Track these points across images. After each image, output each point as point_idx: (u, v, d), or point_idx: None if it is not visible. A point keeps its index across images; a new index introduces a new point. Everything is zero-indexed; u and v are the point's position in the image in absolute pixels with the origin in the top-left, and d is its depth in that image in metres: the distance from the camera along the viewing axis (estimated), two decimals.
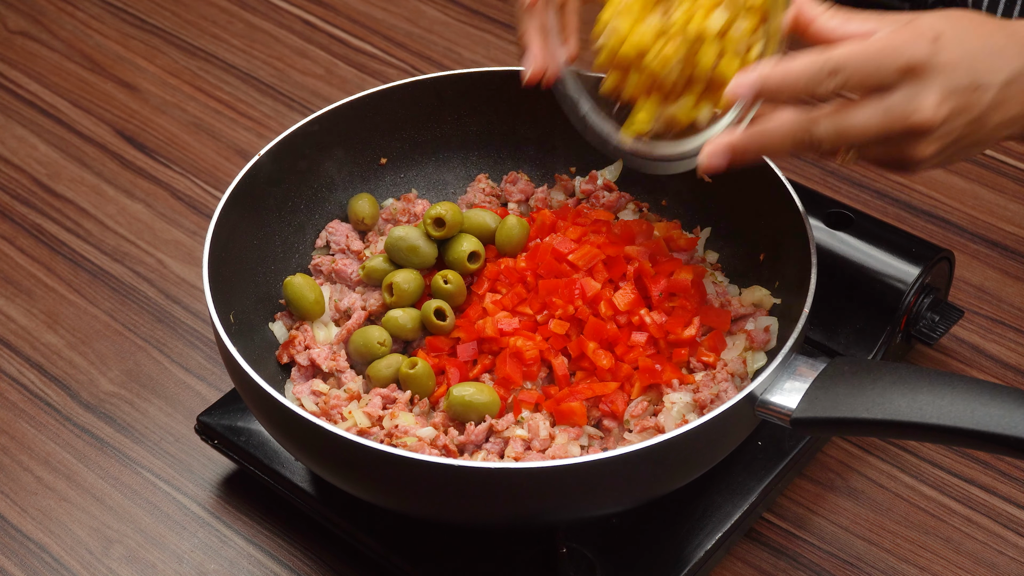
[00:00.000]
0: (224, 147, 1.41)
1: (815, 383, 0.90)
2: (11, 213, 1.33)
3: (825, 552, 1.04)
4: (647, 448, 0.85)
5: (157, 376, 1.18)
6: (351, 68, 1.50)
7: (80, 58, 1.52)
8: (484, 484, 0.86)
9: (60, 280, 1.26)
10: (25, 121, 1.44)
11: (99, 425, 1.14)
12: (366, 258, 1.09)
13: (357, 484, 0.93)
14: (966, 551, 1.04)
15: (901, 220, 1.30)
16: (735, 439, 0.94)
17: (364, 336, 1.03)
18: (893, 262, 1.11)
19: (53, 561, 1.04)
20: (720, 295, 1.06)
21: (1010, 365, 1.17)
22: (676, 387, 0.98)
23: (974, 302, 1.22)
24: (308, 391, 1.01)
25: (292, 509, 1.05)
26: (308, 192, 1.12)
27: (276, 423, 0.92)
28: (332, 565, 1.03)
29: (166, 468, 1.10)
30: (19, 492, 1.09)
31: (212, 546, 1.05)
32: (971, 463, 1.10)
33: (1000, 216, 1.31)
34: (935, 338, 1.12)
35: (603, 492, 0.88)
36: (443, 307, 1.02)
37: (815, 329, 1.11)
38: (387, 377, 1.01)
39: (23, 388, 1.17)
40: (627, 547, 0.99)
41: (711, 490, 1.01)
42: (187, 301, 1.24)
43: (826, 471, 1.09)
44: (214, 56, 1.52)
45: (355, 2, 1.59)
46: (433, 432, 0.96)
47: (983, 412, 0.82)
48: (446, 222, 1.05)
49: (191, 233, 1.31)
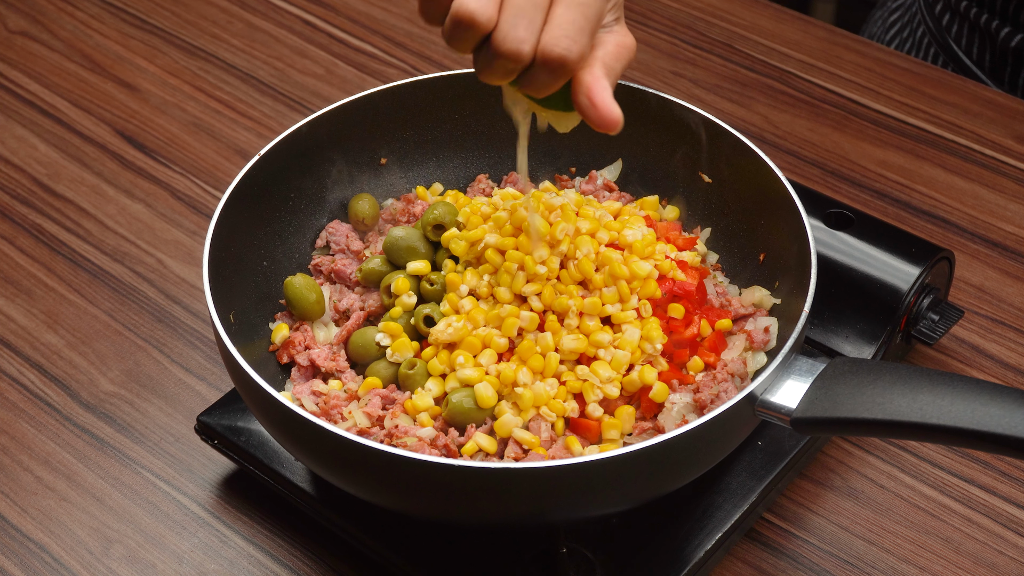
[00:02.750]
0: (224, 147, 1.41)
1: (815, 383, 0.90)
2: (11, 213, 1.33)
3: (825, 552, 1.04)
4: (647, 448, 0.85)
5: (157, 376, 1.18)
6: (351, 68, 1.50)
7: (80, 58, 1.52)
8: (484, 484, 0.86)
9: (60, 280, 1.26)
10: (25, 121, 1.44)
11: (99, 425, 1.14)
12: (366, 258, 1.09)
13: (357, 484, 0.93)
14: (966, 551, 1.04)
15: (901, 220, 1.30)
16: (735, 439, 0.94)
17: (363, 337, 1.03)
18: (893, 262, 1.11)
19: (53, 561, 1.04)
20: (720, 295, 1.06)
21: (1010, 365, 1.17)
22: (676, 387, 0.98)
23: (974, 302, 1.22)
24: (308, 391, 1.01)
25: (292, 509, 1.05)
26: (308, 192, 1.12)
27: (276, 423, 0.92)
28: (332, 565, 1.03)
29: (166, 468, 1.10)
30: (19, 492, 1.09)
31: (212, 546, 1.05)
32: (971, 463, 1.10)
33: (1000, 216, 1.31)
34: (935, 338, 1.12)
35: (603, 492, 0.88)
36: (432, 313, 1.01)
37: (815, 329, 1.11)
38: (387, 377, 1.01)
39: (23, 388, 1.17)
40: (627, 547, 0.99)
41: (711, 490, 1.01)
42: (187, 301, 1.24)
43: (826, 471, 1.09)
44: (214, 56, 1.52)
45: (355, 2, 1.59)
46: (433, 432, 0.96)
47: (983, 412, 0.82)
48: (445, 226, 1.05)
49: (191, 233, 1.31)
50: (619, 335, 0.98)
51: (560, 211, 1.01)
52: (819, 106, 1.44)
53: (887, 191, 1.33)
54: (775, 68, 1.49)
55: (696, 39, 1.54)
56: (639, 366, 0.98)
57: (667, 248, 1.05)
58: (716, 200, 1.11)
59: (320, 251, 1.12)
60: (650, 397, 0.97)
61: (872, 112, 1.43)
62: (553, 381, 0.97)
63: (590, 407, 0.96)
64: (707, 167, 1.11)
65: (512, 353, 0.99)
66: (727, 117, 1.42)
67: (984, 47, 1.48)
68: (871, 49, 1.52)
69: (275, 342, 1.04)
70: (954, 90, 1.46)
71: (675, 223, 1.11)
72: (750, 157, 1.05)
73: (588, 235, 1.01)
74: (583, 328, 0.98)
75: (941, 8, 1.52)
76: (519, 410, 0.97)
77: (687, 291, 1.02)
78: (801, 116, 1.43)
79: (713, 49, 1.52)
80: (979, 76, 1.49)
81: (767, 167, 1.03)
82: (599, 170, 1.16)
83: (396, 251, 1.06)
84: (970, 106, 1.43)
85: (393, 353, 1.01)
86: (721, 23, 1.56)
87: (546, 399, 0.96)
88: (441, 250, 1.06)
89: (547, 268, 0.98)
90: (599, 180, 1.15)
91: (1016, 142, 1.39)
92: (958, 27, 1.50)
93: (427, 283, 1.04)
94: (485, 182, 1.16)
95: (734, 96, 1.46)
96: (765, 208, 1.05)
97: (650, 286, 1.00)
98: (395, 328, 1.02)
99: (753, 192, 1.06)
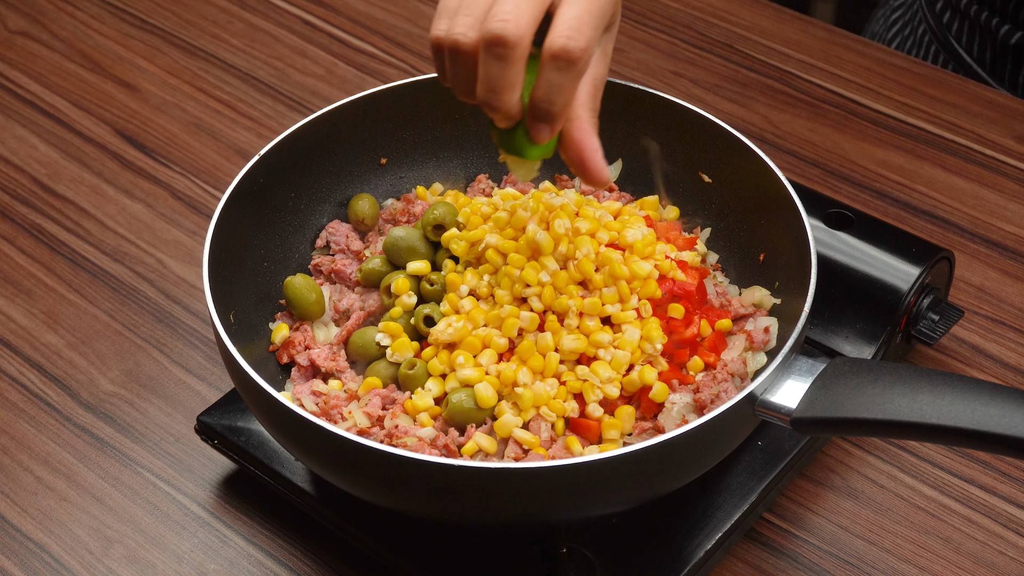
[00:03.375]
0: (224, 147, 1.41)
1: (815, 383, 0.90)
2: (11, 213, 1.33)
3: (825, 552, 1.04)
4: (647, 448, 0.85)
5: (157, 376, 1.18)
6: (351, 68, 1.50)
7: (80, 58, 1.52)
8: (484, 484, 0.86)
9: (60, 280, 1.26)
10: (25, 121, 1.44)
11: (99, 425, 1.14)
12: (366, 258, 1.09)
13: (357, 484, 0.93)
14: (966, 551, 1.04)
15: (901, 220, 1.30)
16: (735, 439, 0.94)
17: (363, 337, 1.03)
18: (893, 262, 1.11)
19: (53, 561, 1.04)
20: (720, 295, 1.06)
21: (1010, 365, 1.17)
22: (676, 387, 0.98)
23: (974, 302, 1.22)
24: (308, 391, 1.01)
25: (292, 509, 1.05)
26: (308, 192, 1.12)
27: (276, 423, 0.92)
28: (332, 565, 1.03)
29: (166, 468, 1.10)
30: (19, 492, 1.09)
31: (212, 546, 1.05)
32: (971, 463, 1.10)
33: (1000, 216, 1.31)
34: (935, 338, 1.12)
35: (603, 492, 0.88)
36: (432, 313, 1.02)
37: (815, 329, 1.11)
38: (387, 377, 1.01)
39: (23, 388, 1.17)
40: (627, 547, 0.99)
41: (711, 490, 1.01)
42: (187, 301, 1.24)
43: (826, 471, 1.09)
44: (214, 56, 1.52)
45: (355, 2, 1.59)
46: (433, 432, 0.96)
47: (983, 412, 0.82)
48: (446, 226, 1.05)
49: (191, 233, 1.31)
50: (619, 335, 0.98)
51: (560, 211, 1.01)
52: (819, 106, 1.44)
53: (887, 191, 1.33)
54: (775, 68, 1.49)
55: (696, 39, 1.54)
56: (639, 366, 0.98)
57: (667, 248, 1.05)
58: (716, 200, 1.11)
59: (320, 251, 1.12)
60: (650, 397, 0.97)
61: (872, 112, 1.43)
62: (553, 381, 0.97)
63: (590, 407, 0.96)
64: (707, 167, 1.11)
65: (512, 353, 0.99)
66: (727, 117, 1.43)
67: (984, 45, 1.48)
68: (871, 49, 1.52)
69: (275, 342, 1.05)
70: (954, 90, 1.46)
71: (675, 223, 1.11)
72: (750, 157, 1.05)
73: (588, 235, 1.01)
74: (583, 328, 0.98)
75: (942, 6, 1.53)
76: (519, 410, 0.97)
77: (687, 291, 1.02)
78: (801, 116, 1.43)
79: (713, 49, 1.52)
80: (980, 74, 1.49)
81: (767, 167, 1.03)
82: None
83: (396, 251, 1.06)
84: (970, 106, 1.43)
85: (393, 353, 1.01)
86: (721, 23, 1.56)
87: (546, 399, 0.96)
88: (441, 250, 1.06)
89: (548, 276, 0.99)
90: None
91: (1016, 142, 1.39)
92: (959, 25, 1.50)
93: (427, 283, 1.04)
94: (485, 182, 1.16)
95: (734, 96, 1.46)
96: (765, 208, 1.05)
97: (650, 286, 1.00)
98: (395, 328, 1.02)
99: (753, 192, 1.06)
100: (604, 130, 1.16)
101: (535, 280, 0.98)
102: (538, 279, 0.98)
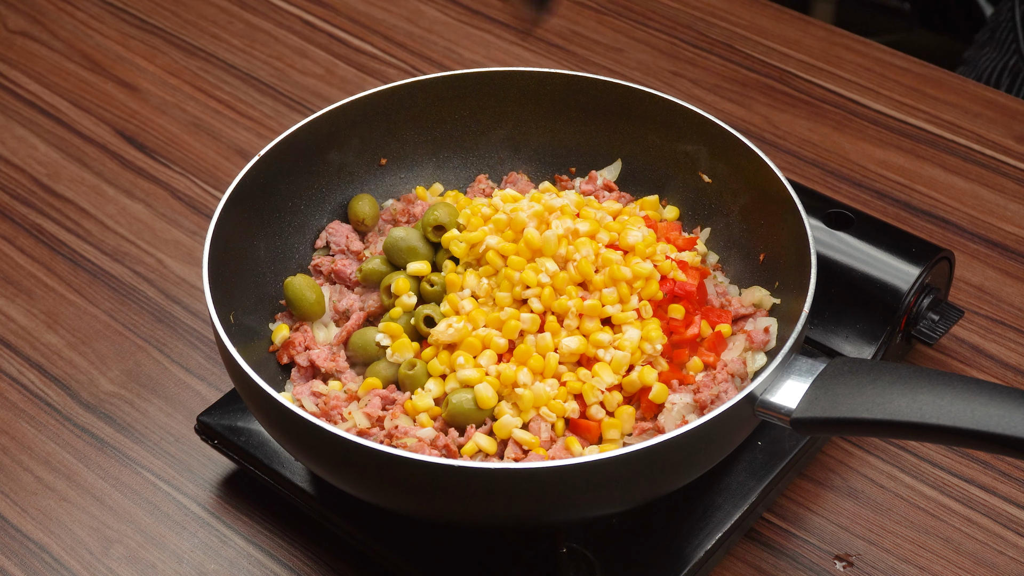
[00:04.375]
0: (224, 147, 1.41)
1: (815, 383, 0.90)
2: (11, 213, 1.33)
3: (825, 552, 1.04)
4: (647, 448, 0.85)
5: (157, 376, 1.18)
6: (351, 68, 1.50)
7: (80, 58, 1.52)
8: (484, 484, 0.86)
9: (60, 280, 1.26)
10: (25, 121, 1.44)
11: (99, 425, 1.14)
12: (366, 259, 1.09)
13: (357, 484, 0.93)
14: (966, 551, 1.04)
15: (901, 220, 1.30)
16: (735, 439, 0.94)
17: (363, 337, 1.03)
18: (893, 262, 1.11)
19: (53, 561, 1.04)
20: (720, 295, 1.06)
21: (1010, 365, 1.17)
22: (676, 387, 0.98)
23: (974, 302, 1.22)
24: (308, 392, 1.01)
25: (292, 509, 1.05)
26: (308, 192, 1.12)
27: (276, 424, 0.92)
28: (332, 565, 1.04)
29: (166, 468, 1.10)
30: (19, 492, 1.09)
31: (212, 546, 1.05)
32: (971, 463, 1.10)
33: (1000, 216, 1.31)
34: (935, 338, 1.12)
35: (603, 492, 0.88)
36: (432, 313, 1.01)
37: (815, 329, 1.11)
38: (387, 378, 1.01)
39: (23, 388, 1.17)
40: (627, 547, 0.99)
41: (711, 490, 1.01)
42: (187, 301, 1.24)
43: (826, 471, 1.09)
44: (214, 56, 1.52)
45: (355, 2, 1.59)
46: (433, 432, 0.96)
47: (983, 412, 0.82)
48: (446, 227, 1.05)
49: (191, 233, 1.31)
50: (619, 336, 0.98)
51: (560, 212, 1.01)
52: (819, 106, 1.44)
53: (887, 191, 1.33)
54: (775, 68, 1.49)
55: (696, 39, 1.54)
56: (639, 367, 0.98)
57: (667, 248, 1.05)
58: (716, 200, 1.11)
59: (320, 251, 1.12)
60: (650, 398, 0.97)
61: (872, 112, 1.43)
62: (553, 382, 0.97)
63: (592, 409, 0.96)
64: (707, 167, 1.11)
65: (512, 354, 0.99)
66: (727, 117, 1.42)
67: None
68: (871, 49, 1.52)
69: (275, 342, 1.04)
70: (954, 90, 1.46)
71: (675, 223, 1.11)
72: (750, 157, 1.05)
73: (588, 236, 1.01)
74: (583, 329, 0.98)
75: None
76: (519, 411, 0.97)
77: (687, 291, 1.02)
78: (801, 116, 1.43)
79: (713, 49, 1.52)
80: None
81: (767, 167, 1.03)
82: (599, 170, 1.16)
83: (396, 252, 1.06)
84: (970, 106, 1.43)
85: (393, 353, 1.01)
86: (721, 23, 1.56)
87: (546, 400, 0.96)
88: (441, 251, 1.06)
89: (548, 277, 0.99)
90: (599, 180, 1.15)
91: (1016, 142, 1.39)
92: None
93: (427, 284, 1.04)
94: (485, 183, 1.16)
95: (734, 96, 1.46)
96: (765, 208, 1.05)
97: (651, 287, 1.00)
98: (395, 328, 1.02)
99: (753, 192, 1.06)
100: (604, 130, 1.17)
101: (535, 281, 0.98)
102: (538, 280, 0.98)
